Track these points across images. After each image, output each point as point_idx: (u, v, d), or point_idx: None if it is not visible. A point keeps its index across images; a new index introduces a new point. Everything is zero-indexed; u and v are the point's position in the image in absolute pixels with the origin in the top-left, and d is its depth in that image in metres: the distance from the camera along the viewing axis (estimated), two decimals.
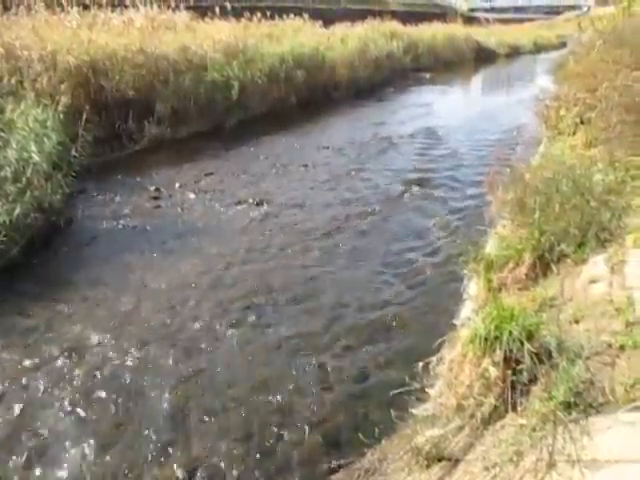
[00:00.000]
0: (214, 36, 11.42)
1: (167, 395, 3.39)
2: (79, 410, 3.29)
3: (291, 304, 4.41)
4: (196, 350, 3.83)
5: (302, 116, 11.86)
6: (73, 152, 6.46)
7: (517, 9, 51.96)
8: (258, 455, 2.96)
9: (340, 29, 17.47)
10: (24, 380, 3.53)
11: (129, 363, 3.69)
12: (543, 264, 3.67)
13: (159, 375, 3.57)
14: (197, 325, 4.11)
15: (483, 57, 26.37)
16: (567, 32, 32.34)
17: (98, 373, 3.60)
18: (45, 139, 5.96)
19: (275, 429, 3.13)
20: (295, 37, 14.04)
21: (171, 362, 3.70)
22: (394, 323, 4.13)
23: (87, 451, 3.01)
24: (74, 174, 6.32)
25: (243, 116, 10.90)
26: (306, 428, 3.13)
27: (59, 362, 3.70)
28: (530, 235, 3.76)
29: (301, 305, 4.39)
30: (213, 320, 4.17)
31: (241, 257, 5.23)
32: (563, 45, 30.82)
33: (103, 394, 3.41)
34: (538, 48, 33.03)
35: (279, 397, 3.37)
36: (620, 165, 4.42)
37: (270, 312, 4.31)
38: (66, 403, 3.34)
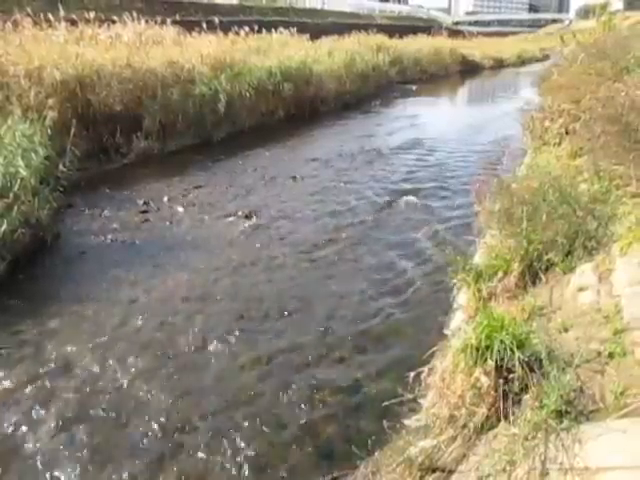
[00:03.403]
0: (202, 50, 11.46)
1: (157, 413, 3.35)
2: (66, 430, 3.23)
3: (281, 317, 4.40)
4: (186, 365, 3.79)
5: (290, 129, 11.92)
6: (61, 167, 6.41)
7: (500, 22, 52.84)
8: (249, 469, 2.93)
9: (327, 42, 17.65)
10: (9, 399, 3.47)
11: (118, 381, 3.64)
12: (532, 273, 3.70)
13: (148, 392, 3.53)
14: (187, 340, 4.08)
15: (468, 69, 26.75)
16: (550, 45, 32.95)
17: (86, 391, 3.55)
18: (32, 154, 5.92)
19: (266, 441, 3.10)
20: (282, 51, 14.14)
21: (161, 378, 3.66)
22: (385, 334, 4.13)
23: (74, 473, 2.96)
24: (62, 189, 6.28)
25: (231, 129, 10.93)
26: (297, 441, 3.11)
27: (46, 380, 3.65)
28: (518, 245, 3.79)
29: (291, 317, 4.38)
30: (203, 335, 4.14)
31: (230, 270, 5.21)
32: (546, 58, 31.36)
33: (91, 413, 3.36)
34: (522, 61, 33.58)
35: (270, 410, 3.34)
36: (605, 174, 4.48)
37: (260, 325, 4.29)
38: (53, 423, 3.28)
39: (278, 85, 12.30)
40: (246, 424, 3.23)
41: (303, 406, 3.38)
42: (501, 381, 2.54)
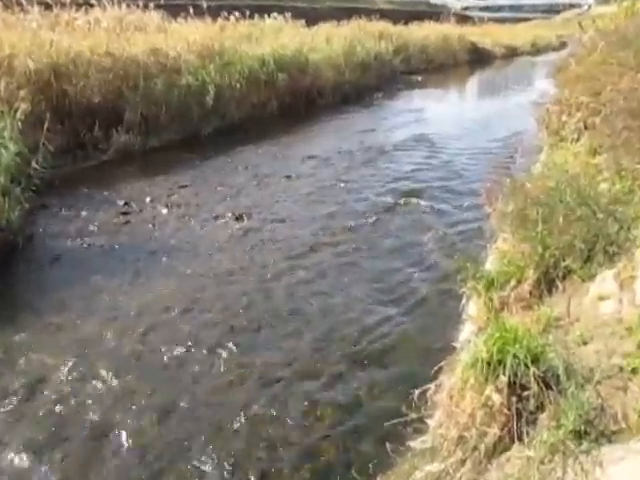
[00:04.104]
0: (188, 37, 11.48)
1: (136, 436, 3.34)
2: (36, 455, 3.22)
3: (275, 328, 4.40)
4: (170, 381, 3.79)
5: (284, 123, 11.93)
6: (33, 164, 6.41)
7: (513, 7, 53.02)
8: None
9: (324, 29, 17.68)
10: None
11: (95, 397, 3.64)
12: (548, 281, 3.70)
13: (129, 410, 3.53)
14: (171, 353, 4.08)
15: (478, 59, 26.83)
16: (567, 32, 33.08)
17: (60, 411, 3.54)
18: (2, 150, 5.91)
19: (260, 465, 3.10)
20: (276, 38, 14.17)
21: (143, 394, 3.66)
22: (388, 347, 4.13)
23: None
24: (34, 188, 6.27)
25: (220, 123, 10.94)
26: (293, 465, 3.10)
27: (18, 396, 3.64)
28: (533, 250, 3.79)
29: (286, 329, 4.39)
30: (189, 347, 4.14)
31: (220, 277, 5.22)
32: (563, 46, 31.47)
33: (66, 431, 3.36)
34: (536, 49, 33.71)
35: (264, 431, 3.34)
36: (627, 173, 4.50)
37: (252, 337, 4.29)
38: (21, 446, 3.27)
39: (271, 75, 12.32)
40: (236, 447, 3.23)
41: (299, 426, 3.37)
42: (514, 399, 2.54)
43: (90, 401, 3.60)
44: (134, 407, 3.55)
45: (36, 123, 7.04)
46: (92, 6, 11.80)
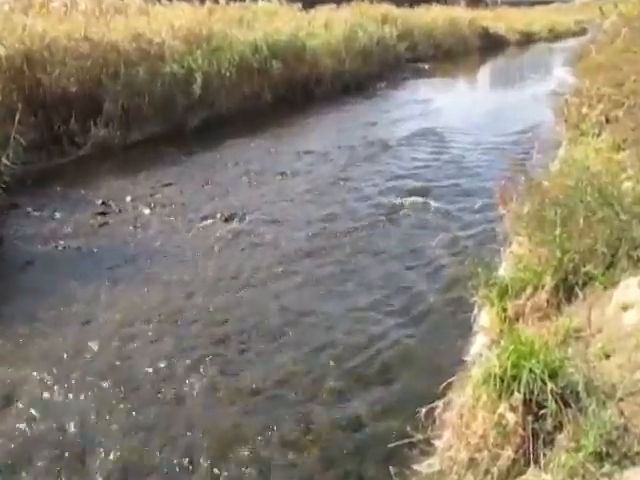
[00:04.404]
0: (173, 21, 11.50)
1: (112, 457, 3.32)
2: (10, 474, 3.21)
3: (268, 341, 4.40)
4: (151, 401, 3.78)
5: (279, 115, 11.95)
6: (3, 160, 6.40)
7: None
8: None
9: (323, 13, 17.71)
10: None
11: (67, 420, 3.62)
12: (567, 288, 3.71)
13: (106, 431, 3.51)
14: (152, 368, 4.06)
15: (490, 45, 26.89)
16: (587, 17, 33.22)
17: (29, 432, 3.52)
18: None
19: None
20: (270, 22, 14.21)
21: (120, 415, 3.64)
22: (391, 362, 4.13)
23: None
24: (4, 186, 6.27)
25: (208, 115, 10.94)
26: None
27: None
28: (551, 254, 3.80)
29: (280, 342, 4.38)
30: (172, 363, 4.12)
31: (207, 285, 5.21)
32: (583, 32, 31.61)
33: (38, 454, 3.34)
34: (554, 35, 33.81)
35: (254, 454, 3.33)
36: None
37: (242, 351, 4.28)
38: None
39: (265, 63, 12.34)
40: (225, 473, 3.22)
41: (294, 449, 3.36)
42: (530, 418, 2.54)
43: (60, 421, 3.59)
44: (109, 429, 3.53)
45: (6, 115, 7.04)
46: None
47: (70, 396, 3.80)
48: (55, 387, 3.87)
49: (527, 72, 20.35)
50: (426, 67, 19.64)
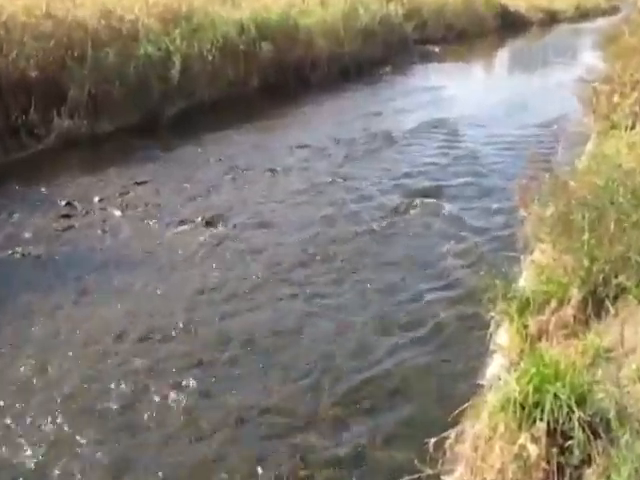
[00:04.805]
0: None
1: None
2: None
3: (255, 362, 4.39)
4: (123, 427, 3.77)
5: (268, 104, 11.96)
6: None
7: None
8: None
9: None
10: None
11: (30, 446, 3.61)
12: (596, 302, 3.72)
13: (68, 466, 3.50)
14: (124, 393, 4.05)
15: (510, 25, 26.97)
16: None
17: None
18: None
19: None
20: None
21: (86, 447, 3.63)
22: (397, 386, 4.12)
23: None
24: None
25: (188, 103, 10.96)
26: None
27: None
28: (578, 264, 3.81)
29: (269, 363, 4.37)
30: (146, 386, 4.11)
31: (186, 298, 5.20)
32: (615, 10, 31.76)
33: None
34: (581, 14, 33.94)
35: None
36: None
37: (226, 373, 4.27)
38: None
39: (252, 44, 12.36)
40: None
41: None
42: (555, 450, 2.54)
43: (20, 454, 3.57)
44: (72, 464, 3.52)
45: None
46: None
47: (29, 423, 3.78)
48: (14, 413, 3.86)
49: (551, 56, 20.42)
50: (436, 50, 19.68)
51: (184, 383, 4.14)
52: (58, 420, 3.81)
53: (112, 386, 4.11)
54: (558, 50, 21.75)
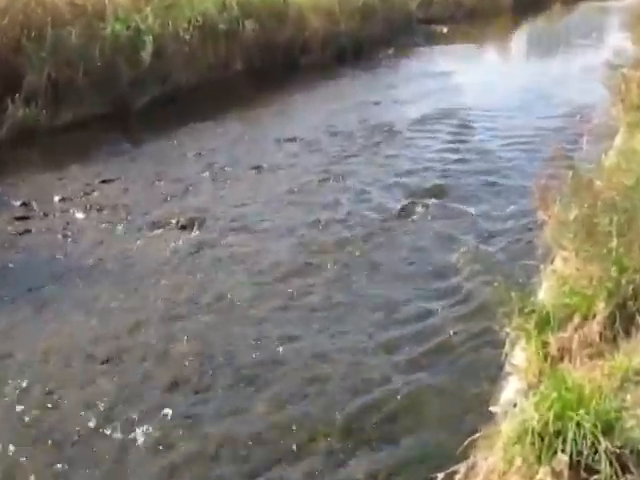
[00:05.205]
0: None
1: None
2: None
3: (238, 385, 4.37)
4: (83, 463, 3.75)
5: (253, 91, 11.95)
6: None
7: None
8: None
9: None
10: None
11: None
12: (625, 317, 3.72)
13: None
14: (87, 421, 4.03)
15: (528, 3, 27.06)
16: None
17: None
18: None
19: None
20: None
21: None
22: (399, 413, 4.12)
23: None
24: None
25: (161, 90, 10.96)
26: None
27: None
28: (605, 274, 3.82)
29: (253, 387, 4.36)
30: (112, 413, 4.10)
31: (158, 312, 5.19)
32: None
33: None
34: None
35: None
36: None
37: (204, 398, 4.26)
38: None
39: (235, 23, 12.36)
40: None
41: None
42: None
43: None
44: None
45: None
46: None
47: None
48: None
49: (574, 38, 20.48)
50: (444, 30, 19.72)
51: (155, 410, 4.12)
52: (10, 453, 3.79)
53: (73, 414, 4.10)
54: (582, 31, 21.82)
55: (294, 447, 3.86)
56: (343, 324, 5.08)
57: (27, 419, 4.06)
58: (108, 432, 3.96)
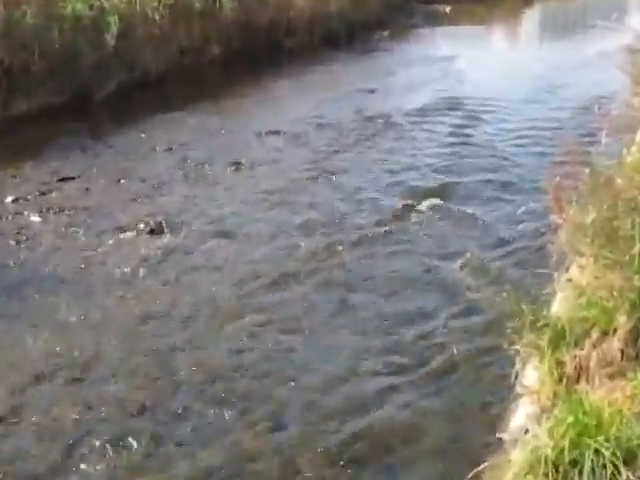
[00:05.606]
0: None
1: None
2: None
3: (214, 410, 4.35)
4: None
5: (232, 78, 11.97)
6: None
7: None
8: None
9: None
10: None
11: None
12: None
13: None
14: (40, 451, 4.01)
15: None
16: None
17: None
18: None
19: None
20: None
21: None
22: (399, 439, 4.12)
23: None
24: None
25: (128, 77, 10.95)
26: None
27: None
28: (627, 283, 3.82)
29: (233, 410, 4.34)
30: (70, 443, 4.07)
31: (123, 327, 5.18)
32: None
33: None
34: None
35: None
36: None
37: (176, 425, 4.25)
38: None
39: (212, 1, 12.35)
40: None
41: None
42: None
43: None
44: None
45: None
46: None
47: None
48: None
49: (591, 19, 20.57)
50: (446, 10, 19.74)
51: (121, 438, 4.11)
52: None
53: (26, 444, 4.08)
54: (600, 11, 21.87)
55: (279, 477, 3.86)
56: (332, 343, 5.08)
57: None
58: (66, 465, 3.94)
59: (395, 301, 5.57)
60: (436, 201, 7.25)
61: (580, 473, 2.57)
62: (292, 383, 4.62)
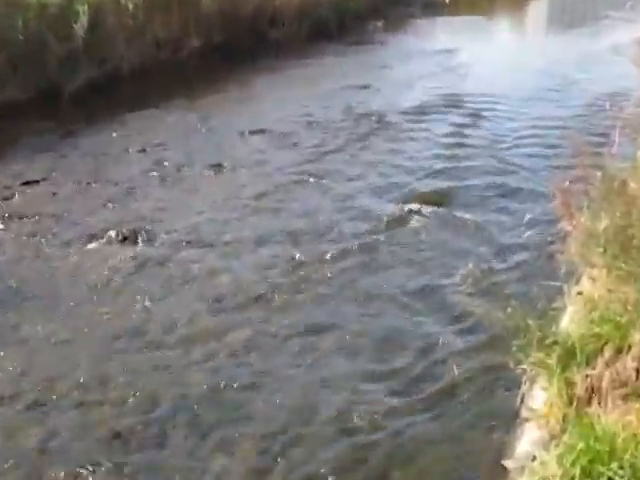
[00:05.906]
0: None
1: None
2: None
3: (193, 435, 4.35)
4: None
5: (212, 73, 11.99)
6: None
7: None
8: None
9: None
10: None
11: None
12: None
13: None
14: None
15: None
16: None
17: None
18: None
19: None
20: None
21: None
22: (394, 467, 4.10)
23: None
24: None
25: (99, 72, 10.95)
26: None
27: None
28: None
29: (213, 436, 4.33)
30: (38, 473, 4.06)
31: (93, 347, 5.16)
32: None
33: None
34: None
35: None
36: None
37: (152, 451, 4.24)
38: None
39: None
40: None
41: None
42: None
43: None
44: None
45: None
46: None
47: None
48: None
49: (603, 9, 20.69)
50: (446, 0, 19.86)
51: (90, 466, 4.09)
52: None
53: None
54: (613, 1, 22.07)
55: None
56: (325, 358, 5.07)
57: None
58: None
59: (389, 316, 5.57)
60: (434, 207, 7.26)
61: None
62: (274, 408, 4.60)
